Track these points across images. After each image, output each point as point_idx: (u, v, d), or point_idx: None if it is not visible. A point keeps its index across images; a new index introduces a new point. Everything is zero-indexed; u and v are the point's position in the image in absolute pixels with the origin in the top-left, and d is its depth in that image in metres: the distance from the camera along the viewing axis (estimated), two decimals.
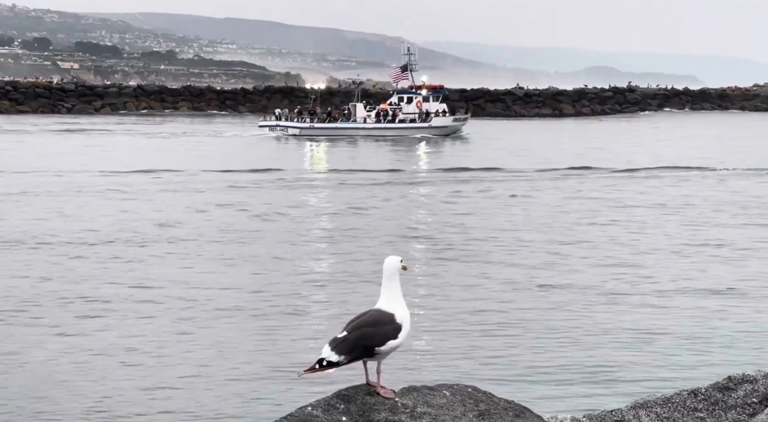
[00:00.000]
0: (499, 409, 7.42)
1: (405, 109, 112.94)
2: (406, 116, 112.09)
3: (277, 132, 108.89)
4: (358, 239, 39.39)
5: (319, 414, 6.86)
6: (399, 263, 7.11)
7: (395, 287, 7.09)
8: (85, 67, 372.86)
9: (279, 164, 72.54)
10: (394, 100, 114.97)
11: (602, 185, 60.71)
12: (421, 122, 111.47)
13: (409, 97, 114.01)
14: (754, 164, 72.73)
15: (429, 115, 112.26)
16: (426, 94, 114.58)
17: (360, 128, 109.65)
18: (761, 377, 9.65)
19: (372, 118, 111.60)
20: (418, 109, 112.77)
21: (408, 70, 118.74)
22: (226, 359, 22.41)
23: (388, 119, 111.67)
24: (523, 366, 21.73)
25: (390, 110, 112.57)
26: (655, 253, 35.87)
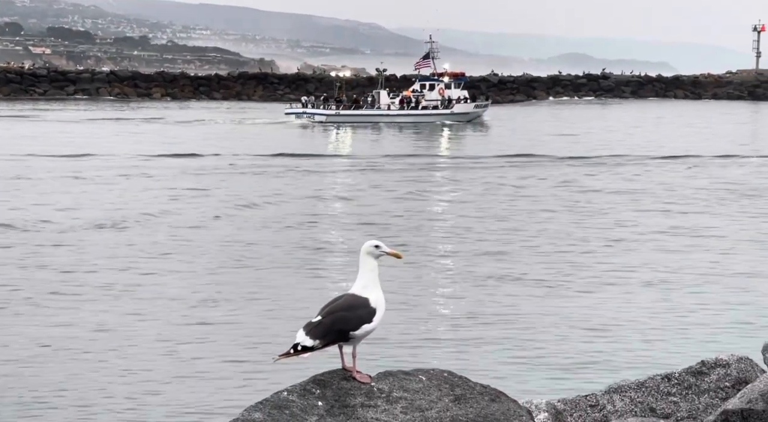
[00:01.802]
0: (475, 394, 7.45)
1: (427, 96, 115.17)
2: (429, 103, 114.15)
3: (303, 119, 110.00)
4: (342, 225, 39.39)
5: (295, 398, 6.86)
6: (374, 249, 7.10)
7: (371, 271, 7.09)
8: (57, 53, 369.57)
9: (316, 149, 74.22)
10: (417, 88, 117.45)
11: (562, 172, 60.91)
12: (444, 109, 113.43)
13: (431, 85, 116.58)
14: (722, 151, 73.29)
15: (451, 101, 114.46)
16: (448, 81, 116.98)
17: (384, 114, 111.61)
18: (734, 361, 9.71)
19: (396, 105, 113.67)
20: (440, 96, 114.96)
21: (430, 58, 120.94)
22: (199, 344, 22.35)
23: (412, 105, 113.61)
24: (498, 351, 21.80)
25: (413, 97, 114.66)
26: (625, 241, 35.97)
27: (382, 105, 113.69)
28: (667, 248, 34.56)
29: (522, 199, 48.11)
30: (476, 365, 20.01)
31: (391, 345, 21.46)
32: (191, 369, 20.56)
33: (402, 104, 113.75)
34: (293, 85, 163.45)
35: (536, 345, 22.20)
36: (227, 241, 35.76)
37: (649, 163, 66.03)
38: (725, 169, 62.26)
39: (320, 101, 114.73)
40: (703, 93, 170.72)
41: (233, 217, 41.48)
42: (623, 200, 47.42)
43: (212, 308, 25.65)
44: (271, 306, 25.89)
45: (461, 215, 42.45)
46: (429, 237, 36.75)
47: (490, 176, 58.33)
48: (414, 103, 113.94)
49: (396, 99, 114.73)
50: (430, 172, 61.42)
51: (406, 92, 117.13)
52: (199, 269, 30.72)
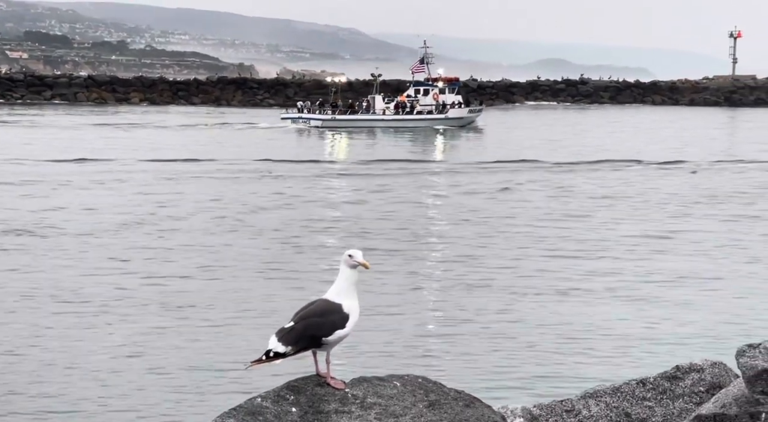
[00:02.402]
0: (449, 399, 7.44)
1: (422, 101, 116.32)
2: (424, 108, 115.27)
3: (299, 124, 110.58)
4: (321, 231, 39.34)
5: (269, 405, 6.83)
6: (349, 258, 7.10)
7: (346, 279, 7.08)
8: (34, 57, 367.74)
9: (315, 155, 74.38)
10: (411, 93, 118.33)
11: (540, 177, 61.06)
12: (438, 114, 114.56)
13: (426, 90, 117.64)
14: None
15: (445, 106, 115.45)
16: (442, 86, 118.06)
17: (380, 119, 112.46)
18: (708, 366, 9.75)
19: (391, 110, 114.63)
20: (434, 100, 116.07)
21: (425, 63, 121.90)
22: (172, 351, 22.23)
23: (407, 110, 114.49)
24: (473, 356, 21.82)
25: (408, 102, 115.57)
26: (600, 247, 36.04)
27: (377, 110, 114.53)
28: (642, 253, 34.67)
29: (496, 204, 48.17)
30: (451, 370, 20.03)
31: (366, 351, 21.45)
32: (164, 375, 20.44)
33: (397, 109, 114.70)
34: (272, 90, 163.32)
35: (511, 351, 22.23)
36: (202, 246, 35.66)
37: (631, 168, 66.31)
38: (695, 174, 62.52)
39: (316, 106, 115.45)
40: (681, 99, 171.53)
41: (209, 222, 41.37)
42: (596, 205, 47.51)
43: (185, 314, 25.53)
44: (244, 312, 25.79)
45: (435, 221, 42.48)
46: (402, 244, 36.69)
47: (467, 181, 58.42)
48: (409, 108, 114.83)
49: (391, 104, 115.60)
50: (409, 177, 61.45)
51: (400, 97, 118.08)
52: (173, 274, 30.58)
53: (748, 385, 8.61)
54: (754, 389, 8.54)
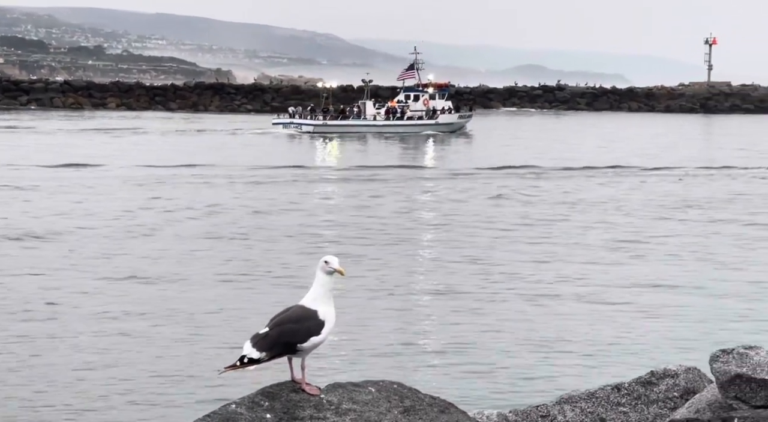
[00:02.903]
0: (425, 405, 7.45)
1: (412, 106, 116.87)
2: (414, 114, 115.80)
3: (291, 129, 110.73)
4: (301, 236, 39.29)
5: (243, 411, 6.82)
6: (325, 264, 7.09)
7: (322, 286, 7.08)
8: (9, 62, 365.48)
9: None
10: (401, 98, 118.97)
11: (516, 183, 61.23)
12: (428, 119, 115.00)
13: (416, 95, 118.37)
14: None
15: (436, 112, 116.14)
16: (432, 91, 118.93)
17: (371, 125, 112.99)
18: (682, 372, 9.81)
19: (381, 115, 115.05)
20: (425, 106, 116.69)
21: (414, 69, 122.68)
22: (145, 357, 22.09)
23: (397, 116, 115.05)
24: (449, 362, 21.82)
25: (398, 108, 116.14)
26: (574, 251, 36.13)
27: (368, 115, 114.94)
28: (615, 259, 34.76)
29: (469, 210, 48.28)
30: (426, 377, 20.02)
31: (341, 357, 21.43)
32: (136, 382, 20.29)
33: (388, 115, 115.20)
34: (250, 95, 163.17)
35: (486, 356, 22.23)
36: (177, 252, 35.53)
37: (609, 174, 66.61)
38: (664, 181, 62.83)
39: (307, 112, 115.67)
40: (657, 105, 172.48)
41: (188, 227, 41.24)
42: (566, 211, 47.63)
43: (158, 320, 25.41)
44: (218, 317, 25.69)
45: (407, 227, 42.49)
46: (373, 249, 36.64)
47: (451, 187, 58.57)
48: (399, 114, 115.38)
49: (381, 109, 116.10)
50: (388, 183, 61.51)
51: (391, 103, 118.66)
52: (146, 280, 30.43)
53: (722, 390, 8.66)
54: (728, 394, 8.60)
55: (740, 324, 25.14)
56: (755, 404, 8.44)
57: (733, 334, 23.02)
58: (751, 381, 8.47)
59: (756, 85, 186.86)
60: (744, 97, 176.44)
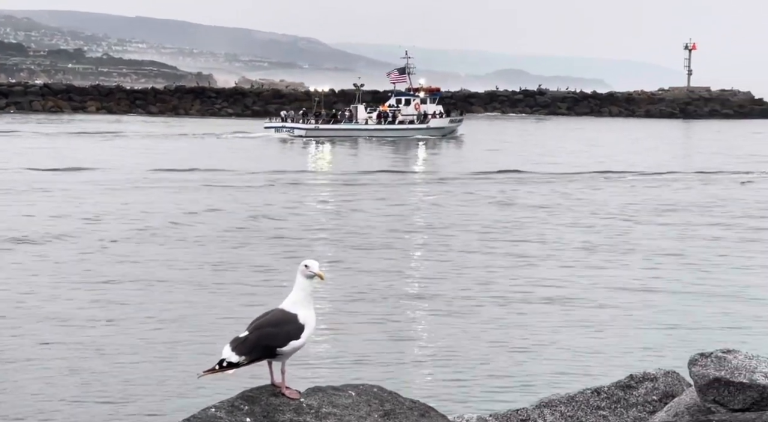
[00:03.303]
0: (405, 409, 7.45)
1: (403, 110, 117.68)
2: (406, 118, 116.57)
3: (283, 133, 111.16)
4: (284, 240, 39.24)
5: (223, 415, 6.80)
6: (305, 268, 7.09)
7: (302, 289, 7.07)
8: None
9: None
10: (392, 103, 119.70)
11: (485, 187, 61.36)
12: (420, 123, 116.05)
13: (407, 100, 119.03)
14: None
15: (427, 116, 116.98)
16: (424, 96, 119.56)
17: (362, 128, 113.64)
18: (661, 375, 9.85)
19: (373, 119, 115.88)
20: (416, 110, 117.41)
21: (406, 73, 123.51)
22: (123, 360, 22.00)
23: (389, 120, 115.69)
24: (429, 366, 21.84)
25: (389, 112, 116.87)
26: (552, 256, 36.20)
27: (360, 119, 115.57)
28: (595, 263, 34.85)
29: (450, 214, 48.37)
30: (406, 380, 20.02)
31: (322, 360, 21.41)
32: (115, 386, 20.20)
33: (379, 119, 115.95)
34: (231, 99, 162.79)
35: (467, 360, 22.26)
36: (161, 256, 35.44)
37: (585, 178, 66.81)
38: (643, 185, 63.05)
39: (299, 116, 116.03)
40: (637, 110, 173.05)
41: (170, 230, 41.13)
42: (544, 215, 47.74)
43: (137, 324, 25.32)
44: (197, 321, 25.62)
45: (390, 230, 42.50)
46: (353, 254, 36.65)
47: (420, 193, 58.64)
48: (391, 118, 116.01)
49: (373, 113, 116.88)
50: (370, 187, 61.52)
51: (382, 107, 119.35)
52: (124, 283, 30.32)
53: (700, 394, 8.70)
54: (706, 398, 8.63)
55: (718, 327, 25.26)
56: (733, 407, 8.48)
57: (711, 338, 23.13)
58: (730, 384, 8.52)
59: (735, 90, 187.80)
60: (723, 102, 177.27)
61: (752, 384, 8.48)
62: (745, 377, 8.53)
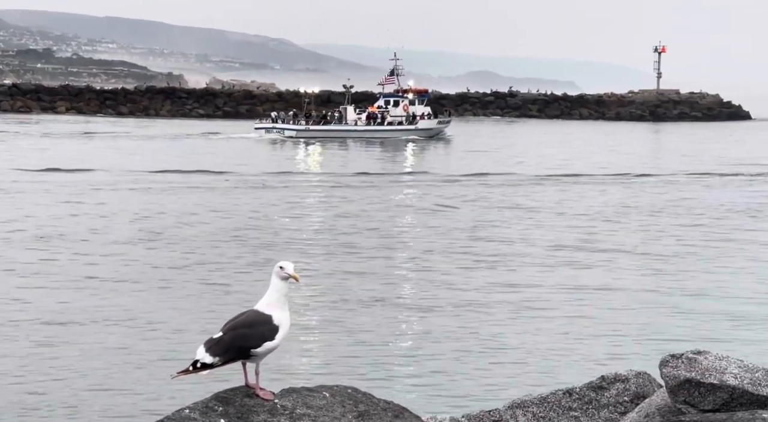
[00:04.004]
0: (379, 410, 7.47)
1: (392, 112, 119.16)
2: (395, 119, 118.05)
3: (273, 134, 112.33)
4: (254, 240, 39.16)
5: (197, 416, 6.79)
6: (280, 270, 7.10)
7: (277, 291, 7.07)
8: None
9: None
10: (381, 104, 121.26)
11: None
12: (408, 125, 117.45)
13: (396, 101, 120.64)
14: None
15: (415, 117, 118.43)
16: (412, 97, 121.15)
17: (352, 130, 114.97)
18: (632, 376, 9.92)
19: (363, 120, 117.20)
20: (404, 112, 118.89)
21: (395, 75, 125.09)
22: (97, 361, 21.87)
23: (378, 121, 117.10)
24: (402, 368, 21.85)
25: (378, 113, 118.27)
26: (521, 259, 36.25)
27: (349, 120, 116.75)
28: (570, 264, 34.99)
29: (422, 216, 48.43)
30: (380, 382, 20.02)
31: (296, 362, 21.38)
32: (87, 388, 20.08)
33: (368, 120, 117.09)
34: (202, 99, 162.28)
35: (440, 362, 22.29)
36: (132, 257, 35.26)
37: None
38: (614, 188, 63.35)
39: (290, 117, 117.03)
40: (607, 112, 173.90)
41: (142, 231, 40.95)
42: (517, 217, 47.88)
43: (111, 325, 25.19)
44: (171, 322, 25.51)
45: (354, 232, 42.49)
46: (326, 257, 36.63)
47: (393, 193, 58.66)
48: (380, 119, 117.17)
49: (362, 115, 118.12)
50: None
51: (371, 108, 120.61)
52: (98, 285, 30.17)
53: (671, 395, 8.77)
54: (677, 398, 8.70)
55: (689, 328, 25.42)
56: (704, 408, 8.55)
57: (682, 339, 23.28)
58: (700, 385, 8.58)
59: (704, 93, 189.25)
60: (692, 105, 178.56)
61: (722, 385, 8.55)
62: (715, 378, 8.60)
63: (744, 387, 8.55)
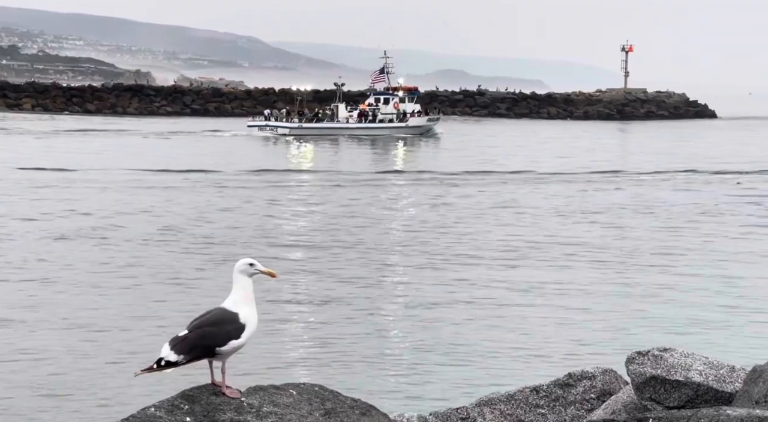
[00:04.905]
0: (346, 408, 7.46)
1: (383, 109, 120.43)
2: (385, 116, 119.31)
3: (267, 132, 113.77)
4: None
5: (163, 415, 6.75)
6: (248, 266, 7.05)
7: (243, 288, 7.03)
8: None
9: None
10: (371, 102, 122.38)
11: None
12: (399, 122, 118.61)
13: (386, 99, 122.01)
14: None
15: (406, 115, 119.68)
16: (402, 95, 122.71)
17: (345, 127, 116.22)
18: (599, 373, 9.97)
19: (354, 118, 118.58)
20: (395, 109, 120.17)
21: (385, 73, 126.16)
22: (60, 359, 21.72)
23: (369, 119, 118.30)
24: (369, 366, 21.85)
25: (369, 111, 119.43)
26: (486, 256, 36.35)
27: (341, 118, 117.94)
28: (534, 262, 35.09)
29: (397, 215, 48.47)
30: (347, 379, 20.01)
31: (263, 360, 21.32)
32: (50, 387, 19.92)
33: (360, 118, 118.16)
34: (170, 97, 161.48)
35: (407, 359, 22.30)
36: (97, 254, 35.07)
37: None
38: (578, 186, 63.60)
39: (283, 114, 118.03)
40: (575, 111, 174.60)
41: (111, 230, 40.73)
42: (483, 216, 47.98)
43: (74, 321, 25.02)
44: (136, 320, 25.37)
45: (324, 231, 42.49)
46: (294, 254, 36.61)
47: (362, 193, 58.69)
48: (372, 117, 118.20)
49: (354, 112, 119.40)
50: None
51: (362, 106, 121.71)
52: (64, 283, 29.97)
53: (637, 392, 8.82)
54: (643, 395, 8.75)
55: (656, 325, 25.56)
56: (669, 405, 8.61)
57: (648, 336, 23.42)
58: (666, 382, 8.64)
59: (670, 92, 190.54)
60: (659, 103, 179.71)
61: (687, 381, 8.61)
62: (680, 375, 8.66)
63: (709, 383, 8.62)
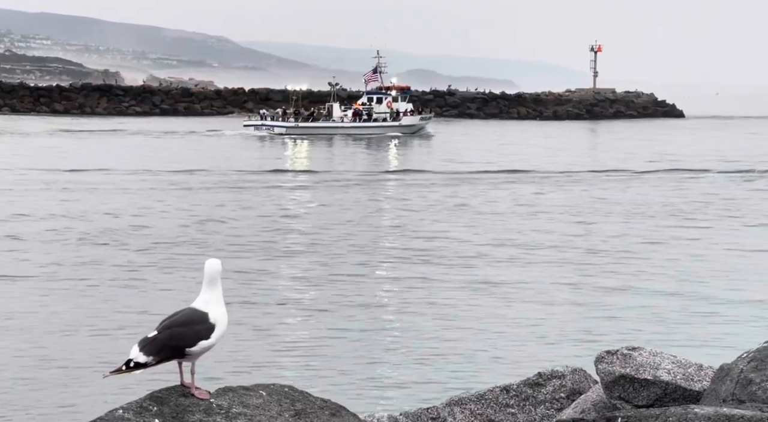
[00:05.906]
0: (315, 408, 7.44)
1: (376, 109, 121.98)
2: (379, 116, 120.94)
3: (263, 131, 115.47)
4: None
5: (131, 417, 6.70)
6: (219, 266, 7.02)
7: (213, 289, 6.99)
8: None
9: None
10: (364, 101, 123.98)
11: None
12: (392, 121, 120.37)
13: (379, 98, 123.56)
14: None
15: (399, 114, 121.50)
16: (395, 94, 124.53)
17: (339, 126, 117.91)
18: (569, 373, 10.00)
19: (349, 117, 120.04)
20: (388, 108, 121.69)
21: (377, 72, 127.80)
22: (27, 360, 21.57)
23: (364, 118, 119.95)
24: (339, 366, 21.84)
25: (363, 110, 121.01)
26: (458, 256, 36.42)
27: (336, 117, 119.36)
28: (503, 262, 35.19)
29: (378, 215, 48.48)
30: (317, 380, 19.99)
31: (232, 360, 21.26)
32: (17, 389, 19.78)
33: (354, 117, 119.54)
34: (139, 97, 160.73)
35: (376, 361, 22.32)
36: (69, 256, 34.87)
37: None
38: (547, 185, 63.89)
39: (279, 114, 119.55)
40: (545, 110, 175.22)
41: (81, 231, 40.51)
42: (450, 215, 48.11)
43: (40, 324, 24.85)
44: (105, 320, 25.24)
45: (305, 232, 42.48)
46: (272, 253, 36.57)
47: (355, 192, 58.68)
48: (366, 116, 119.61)
49: (348, 111, 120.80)
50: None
51: (356, 105, 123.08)
52: (34, 284, 29.79)
53: (606, 391, 8.86)
54: (612, 394, 8.79)
55: (624, 324, 25.69)
56: (638, 403, 8.65)
57: (617, 335, 23.54)
58: (635, 381, 8.68)
59: (639, 92, 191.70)
60: (628, 103, 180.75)
61: (656, 380, 8.66)
62: (649, 374, 8.70)
63: (677, 382, 8.67)
